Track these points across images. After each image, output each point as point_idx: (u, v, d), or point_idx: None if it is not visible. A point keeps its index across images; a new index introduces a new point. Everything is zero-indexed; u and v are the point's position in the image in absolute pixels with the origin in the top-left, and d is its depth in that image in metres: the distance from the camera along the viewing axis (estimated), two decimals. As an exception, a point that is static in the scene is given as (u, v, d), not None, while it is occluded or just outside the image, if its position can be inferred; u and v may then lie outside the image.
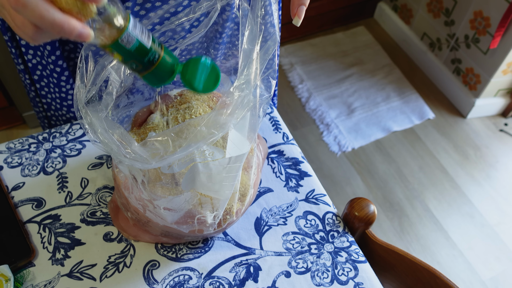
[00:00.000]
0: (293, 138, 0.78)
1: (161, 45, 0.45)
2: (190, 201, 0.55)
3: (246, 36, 0.48)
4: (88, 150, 0.74)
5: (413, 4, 2.04)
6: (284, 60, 2.08)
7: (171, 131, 0.48)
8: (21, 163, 0.72)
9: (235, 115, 0.47)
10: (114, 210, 0.66)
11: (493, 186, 1.73)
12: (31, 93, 0.85)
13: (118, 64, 0.52)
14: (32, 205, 0.68)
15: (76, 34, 0.38)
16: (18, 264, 0.61)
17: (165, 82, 0.47)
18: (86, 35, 0.38)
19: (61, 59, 0.73)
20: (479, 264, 1.54)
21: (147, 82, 0.47)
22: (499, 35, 1.62)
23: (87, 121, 0.47)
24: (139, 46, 0.43)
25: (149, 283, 0.61)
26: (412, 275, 0.67)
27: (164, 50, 0.45)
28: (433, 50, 2.01)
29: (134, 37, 0.42)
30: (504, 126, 1.92)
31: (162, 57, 0.45)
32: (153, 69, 0.45)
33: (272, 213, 0.69)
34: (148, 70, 0.45)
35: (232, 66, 0.70)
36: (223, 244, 0.65)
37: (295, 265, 0.64)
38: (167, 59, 0.46)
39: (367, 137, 1.84)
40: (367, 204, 0.66)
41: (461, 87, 1.91)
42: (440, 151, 1.82)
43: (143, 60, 0.44)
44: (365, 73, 2.06)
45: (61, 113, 0.84)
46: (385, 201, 1.67)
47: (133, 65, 0.44)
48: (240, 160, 0.52)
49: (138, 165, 0.46)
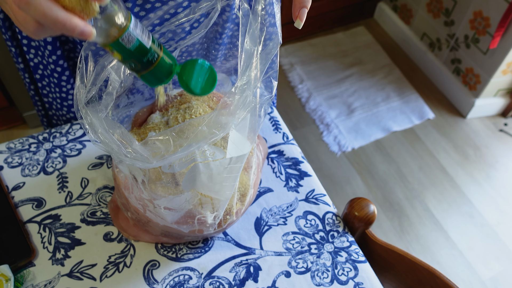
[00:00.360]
0: (293, 138, 0.78)
1: (160, 45, 0.46)
2: (190, 201, 0.55)
3: (247, 37, 0.49)
4: (88, 150, 0.74)
5: (413, 4, 2.04)
6: (284, 60, 2.08)
7: (172, 131, 0.48)
8: (21, 163, 0.72)
9: (236, 115, 0.47)
10: (114, 210, 0.66)
11: (493, 186, 1.73)
12: (31, 92, 0.85)
13: (118, 64, 0.52)
14: (32, 205, 0.68)
15: (78, 32, 0.38)
16: (18, 264, 0.61)
17: (162, 82, 0.48)
18: (88, 33, 0.39)
19: (62, 59, 0.73)
20: (479, 264, 1.54)
21: (144, 81, 0.47)
22: (498, 35, 1.62)
23: (87, 121, 0.47)
24: (139, 45, 0.43)
25: (149, 283, 0.61)
26: (412, 275, 0.67)
27: (163, 51, 0.46)
28: (433, 50, 2.01)
29: (134, 37, 0.42)
30: (504, 126, 1.92)
31: (161, 57, 0.45)
32: (151, 69, 0.45)
33: (272, 213, 0.69)
34: (147, 70, 0.45)
35: (233, 66, 0.70)
36: (223, 244, 0.66)
37: (295, 265, 0.64)
38: (166, 59, 0.46)
39: (367, 137, 1.84)
40: (367, 204, 0.66)
41: (461, 87, 1.92)
42: (440, 151, 1.82)
43: (142, 60, 0.44)
44: (365, 73, 2.06)
45: (62, 113, 0.84)
46: (385, 201, 1.67)
47: (132, 64, 0.45)
48: (241, 161, 0.52)
49: (139, 164, 0.46)
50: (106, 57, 0.52)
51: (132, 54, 0.43)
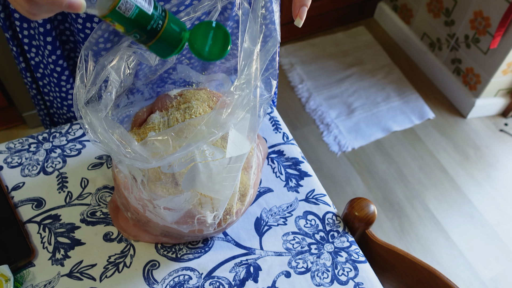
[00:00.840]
0: (293, 138, 0.78)
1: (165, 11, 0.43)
2: (190, 201, 0.55)
3: (247, 36, 0.48)
4: (88, 150, 0.74)
5: (413, 4, 2.04)
6: (284, 60, 2.08)
7: (171, 131, 0.48)
8: (21, 163, 0.72)
9: (235, 115, 0.47)
10: (114, 210, 0.66)
11: (493, 186, 1.73)
12: (32, 91, 0.85)
13: (118, 64, 0.52)
14: (32, 205, 0.68)
15: (66, 4, 0.37)
16: (18, 264, 0.61)
17: (174, 52, 0.45)
18: (77, 5, 0.37)
19: (62, 58, 0.73)
20: (479, 264, 1.54)
21: (155, 53, 0.45)
22: (499, 35, 1.62)
23: (87, 121, 0.47)
24: (140, 12, 0.40)
25: (149, 283, 0.61)
26: (412, 275, 0.67)
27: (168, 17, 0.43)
28: (433, 50, 2.01)
29: (132, 3, 0.40)
30: (504, 126, 1.92)
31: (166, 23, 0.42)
32: (158, 38, 0.42)
33: (272, 213, 0.69)
34: (153, 39, 0.43)
35: (232, 66, 0.69)
36: (223, 244, 0.65)
37: (295, 265, 0.64)
38: (173, 25, 0.43)
39: (367, 137, 1.84)
40: (367, 204, 0.66)
41: (461, 87, 1.91)
42: (440, 151, 1.82)
43: (146, 28, 0.41)
44: (365, 73, 2.05)
45: (63, 112, 0.84)
46: (385, 201, 1.67)
47: (137, 35, 0.42)
48: (240, 160, 0.52)
49: (138, 164, 0.46)
50: (106, 57, 0.52)
51: (134, 23, 0.41)
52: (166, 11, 0.43)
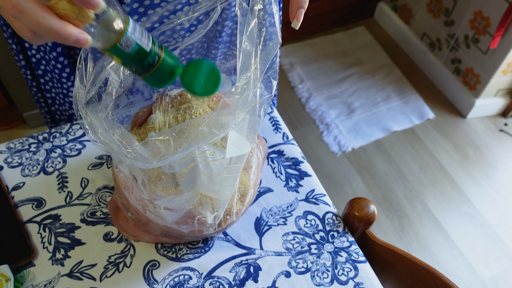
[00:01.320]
0: (293, 138, 0.78)
1: (161, 46, 0.45)
2: (190, 201, 0.55)
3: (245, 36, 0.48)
4: (88, 150, 0.74)
5: (413, 4, 2.04)
6: (284, 60, 2.08)
7: (172, 131, 0.48)
8: (21, 163, 0.72)
9: (236, 115, 0.47)
10: (114, 210, 0.66)
11: (493, 186, 1.73)
12: (33, 89, 0.86)
13: (118, 64, 0.52)
14: (32, 205, 0.68)
15: (73, 40, 0.38)
16: (18, 264, 0.61)
17: (166, 84, 0.47)
18: (83, 40, 0.38)
19: (62, 55, 0.73)
20: (479, 264, 1.54)
21: (147, 83, 0.47)
22: (499, 35, 1.62)
23: (87, 121, 0.47)
24: (139, 49, 0.42)
25: (149, 283, 0.61)
26: (412, 275, 0.67)
27: (164, 52, 0.45)
28: (433, 50, 2.01)
29: (133, 41, 0.42)
30: (504, 126, 1.92)
31: (162, 59, 0.44)
32: (153, 71, 0.45)
33: (272, 213, 0.69)
34: (149, 73, 0.45)
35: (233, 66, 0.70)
36: (223, 244, 0.65)
37: (295, 265, 0.64)
38: (168, 61, 0.45)
39: (367, 137, 1.84)
40: (367, 204, 0.66)
41: (461, 87, 1.91)
42: (440, 151, 1.82)
43: (143, 63, 0.43)
44: (365, 73, 2.06)
45: (65, 108, 0.84)
46: (385, 201, 1.67)
47: (133, 67, 0.44)
48: (241, 161, 0.52)
49: (139, 164, 0.46)
50: (105, 57, 0.52)
51: (132, 58, 0.43)
52: (163, 46, 0.45)
